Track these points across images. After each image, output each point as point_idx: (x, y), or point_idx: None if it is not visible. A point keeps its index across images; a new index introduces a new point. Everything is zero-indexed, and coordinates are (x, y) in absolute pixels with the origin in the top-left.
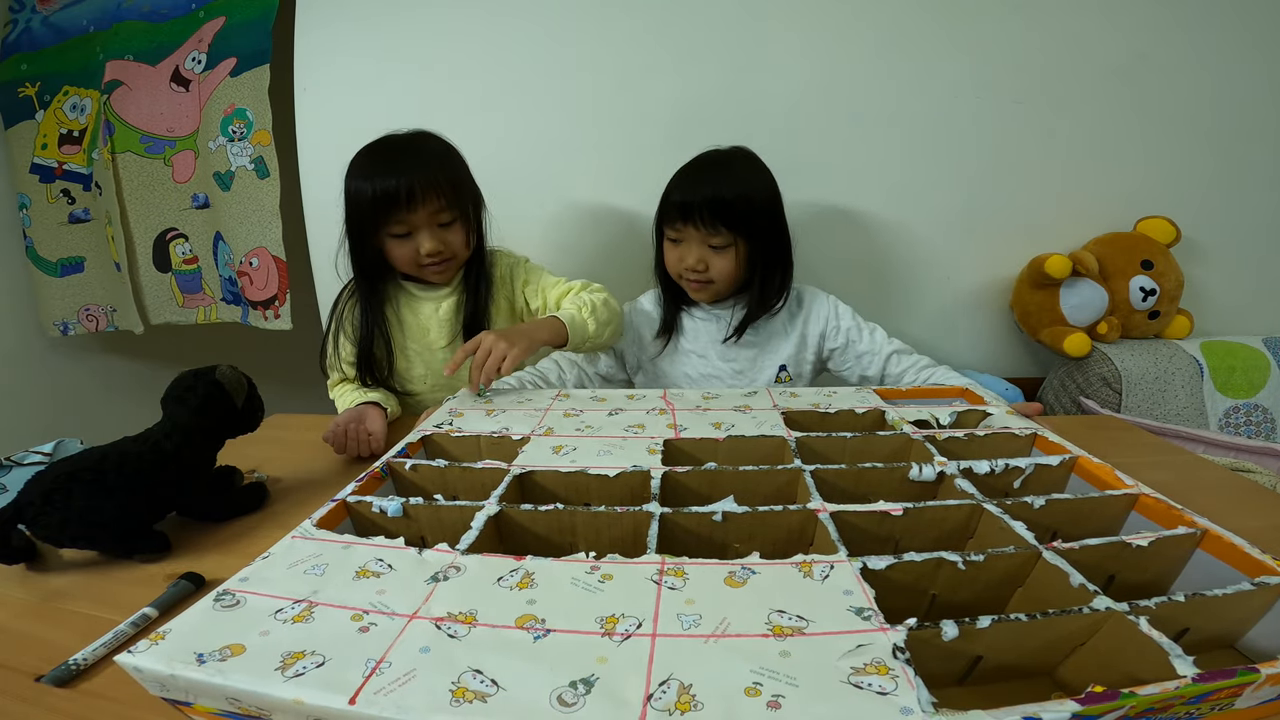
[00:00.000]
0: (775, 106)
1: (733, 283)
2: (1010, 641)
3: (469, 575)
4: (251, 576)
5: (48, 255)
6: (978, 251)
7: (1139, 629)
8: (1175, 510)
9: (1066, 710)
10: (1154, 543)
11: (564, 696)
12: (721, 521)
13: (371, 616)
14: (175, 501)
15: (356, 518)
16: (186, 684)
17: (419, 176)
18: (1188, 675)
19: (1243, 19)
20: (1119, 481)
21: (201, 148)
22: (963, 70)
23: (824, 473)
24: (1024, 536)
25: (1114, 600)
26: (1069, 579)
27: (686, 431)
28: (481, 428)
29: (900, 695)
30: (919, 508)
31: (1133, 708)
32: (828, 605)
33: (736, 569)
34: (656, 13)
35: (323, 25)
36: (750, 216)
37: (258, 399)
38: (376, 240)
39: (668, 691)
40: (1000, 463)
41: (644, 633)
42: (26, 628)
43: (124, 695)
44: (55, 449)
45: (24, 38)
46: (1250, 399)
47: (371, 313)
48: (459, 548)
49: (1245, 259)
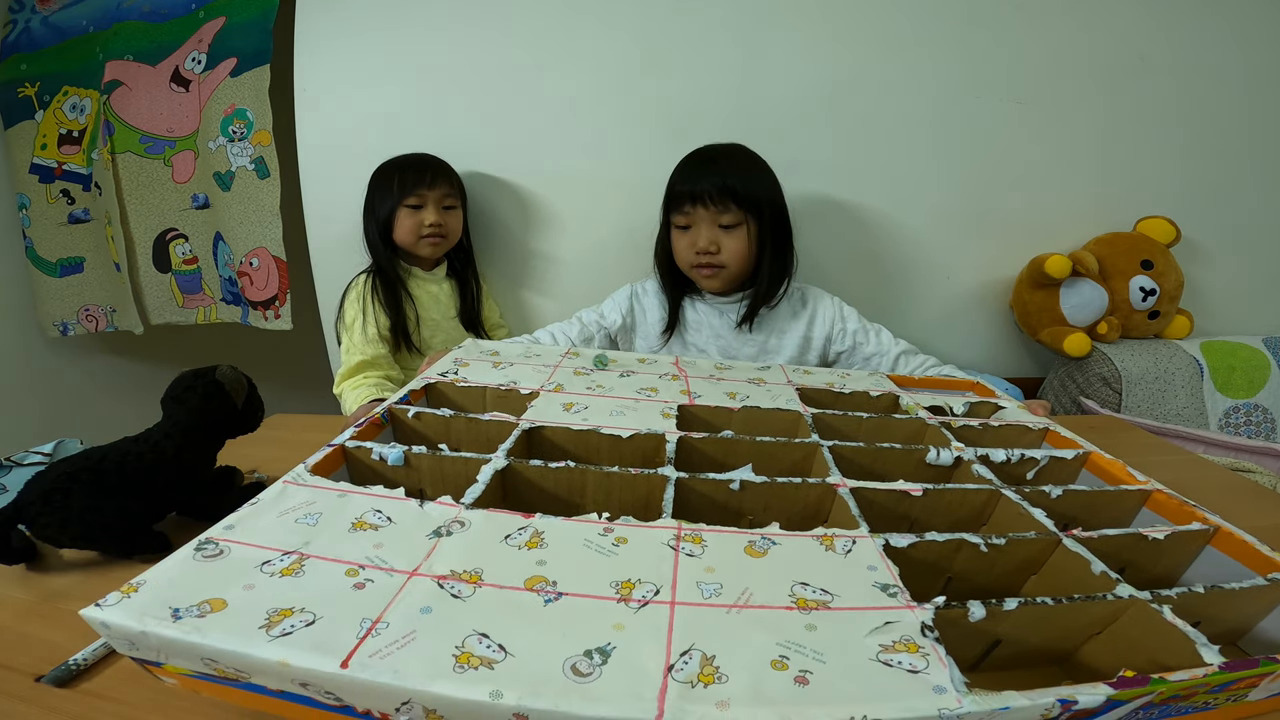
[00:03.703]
0: (774, 106)
1: (744, 264)
2: (1033, 625)
3: (474, 531)
4: (238, 524)
5: (47, 255)
6: (978, 251)
7: (1163, 617)
8: (1188, 507)
9: (1101, 694)
10: (1169, 536)
11: (579, 665)
12: (739, 490)
13: (368, 572)
14: (175, 501)
15: (354, 464)
16: (159, 643)
17: (438, 165)
18: (1214, 664)
19: (1243, 19)
20: (1131, 477)
21: (201, 148)
22: (963, 70)
23: (842, 449)
24: (1044, 523)
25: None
26: (1090, 566)
27: (701, 399)
28: (488, 379)
29: (932, 674)
30: (938, 489)
31: (1160, 693)
32: (852, 580)
33: (757, 539)
34: (657, 13)
35: (323, 25)
36: (757, 196)
37: (258, 399)
38: (392, 213)
39: (690, 662)
40: (1016, 452)
41: (662, 600)
42: (26, 628)
43: (124, 695)
44: (55, 449)
45: (24, 38)
46: (1250, 399)
47: (401, 285)
48: (464, 501)
49: (1245, 259)
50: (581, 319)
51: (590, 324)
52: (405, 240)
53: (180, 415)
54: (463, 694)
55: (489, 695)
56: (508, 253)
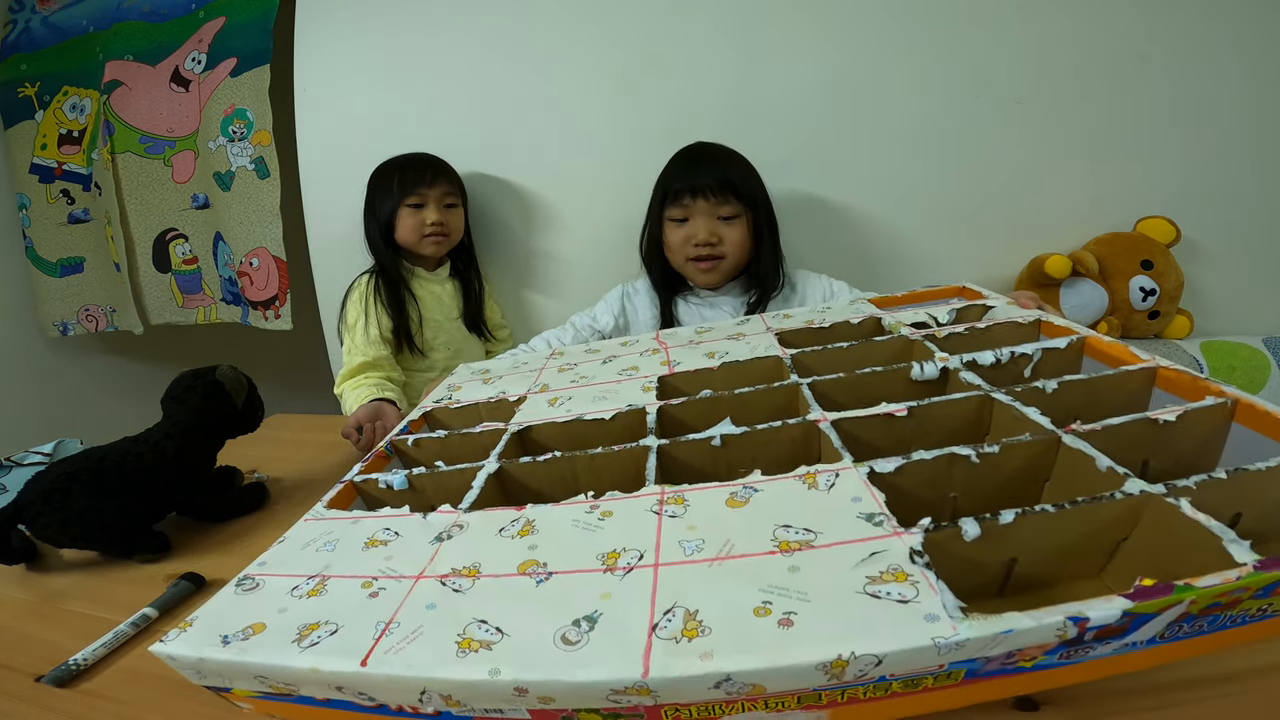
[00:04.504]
0: (773, 106)
1: (742, 255)
2: (1041, 539)
3: (471, 531)
4: (269, 560)
5: (47, 255)
6: (977, 251)
7: (1182, 513)
8: (1201, 381)
9: (1116, 608)
10: (1182, 417)
11: (567, 635)
12: (721, 446)
13: (381, 582)
14: (175, 501)
15: (365, 496)
16: (216, 666)
17: (438, 164)
18: (1248, 562)
19: (1243, 19)
20: (1134, 357)
21: (201, 148)
22: (962, 70)
23: (822, 384)
24: (1039, 421)
25: (1148, 484)
26: (1095, 463)
27: (680, 366)
28: (479, 395)
29: (923, 602)
30: (924, 405)
31: (1193, 603)
32: (835, 515)
33: (738, 489)
34: (656, 14)
35: (323, 25)
36: (753, 189)
37: (258, 399)
38: (393, 214)
39: (673, 619)
40: (1005, 351)
41: (646, 564)
42: (26, 628)
43: (124, 695)
44: (55, 449)
45: (24, 38)
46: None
47: (404, 286)
48: (461, 506)
49: (1245, 259)
50: (574, 323)
51: (583, 328)
52: (408, 240)
53: (180, 415)
54: (466, 676)
55: (489, 673)
56: (509, 253)
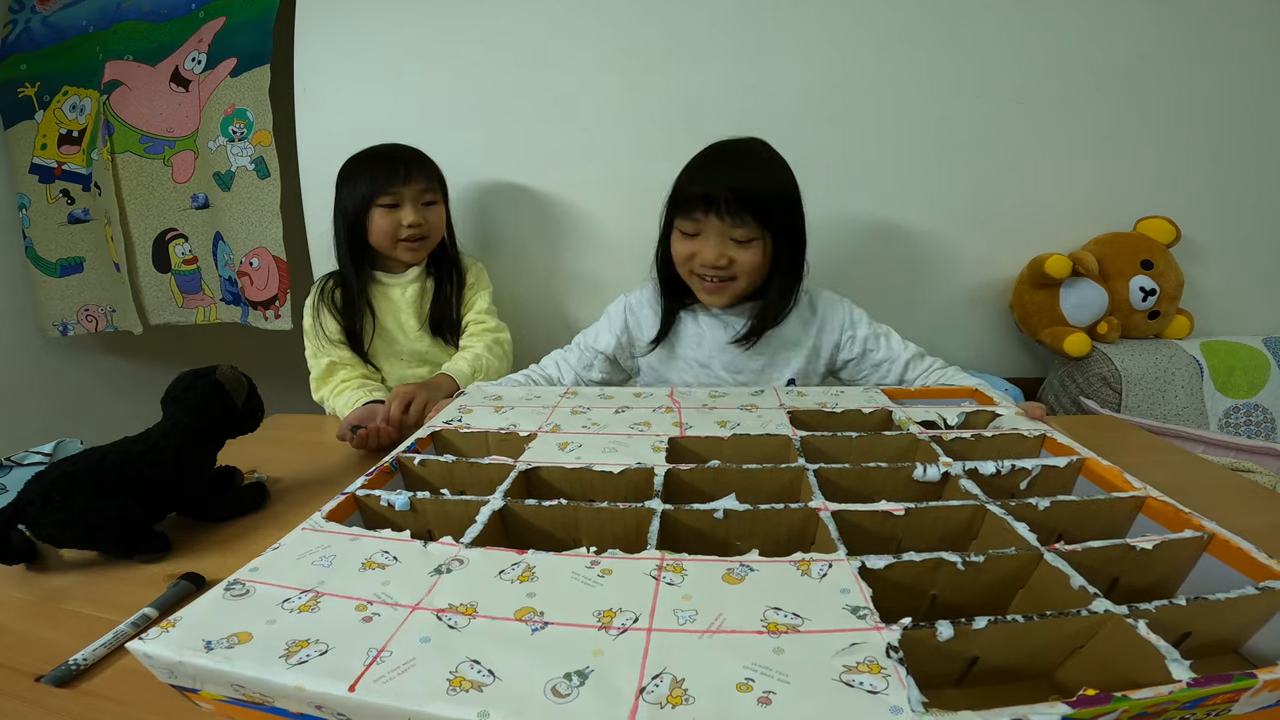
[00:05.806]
0: (774, 106)
1: (756, 280)
2: (1007, 643)
3: (471, 568)
4: (261, 567)
5: (47, 255)
6: (977, 251)
7: (1137, 632)
8: (1184, 514)
9: (1056, 713)
10: (1159, 545)
11: (558, 687)
12: (723, 519)
13: (375, 607)
14: (175, 501)
15: (365, 511)
16: (194, 670)
17: (413, 158)
18: (1183, 680)
19: (1242, 19)
20: (1127, 484)
21: (201, 148)
22: (963, 70)
23: (827, 472)
24: (1026, 538)
25: (1114, 604)
26: (1069, 581)
27: (692, 429)
28: (490, 424)
29: (891, 694)
30: (921, 508)
31: (1125, 712)
32: (824, 604)
33: (735, 566)
34: (659, 14)
35: (323, 25)
36: (777, 207)
37: (258, 399)
38: (366, 215)
39: (660, 684)
40: (1006, 464)
41: (640, 627)
42: (26, 628)
43: (124, 695)
44: (55, 449)
45: (24, 38)
46: (1250, 399)
47: (359, 283)
48: (463, 541)
49: (1245, 259)
50: (580, 344)
51: (588, 349)
52: (381, 244)
53: (180, 415)
54: (454, 714)
55: (477, 715)
56: (509, 253)
